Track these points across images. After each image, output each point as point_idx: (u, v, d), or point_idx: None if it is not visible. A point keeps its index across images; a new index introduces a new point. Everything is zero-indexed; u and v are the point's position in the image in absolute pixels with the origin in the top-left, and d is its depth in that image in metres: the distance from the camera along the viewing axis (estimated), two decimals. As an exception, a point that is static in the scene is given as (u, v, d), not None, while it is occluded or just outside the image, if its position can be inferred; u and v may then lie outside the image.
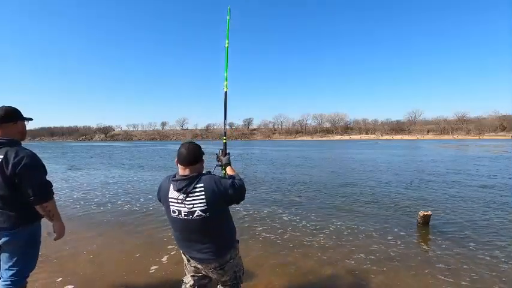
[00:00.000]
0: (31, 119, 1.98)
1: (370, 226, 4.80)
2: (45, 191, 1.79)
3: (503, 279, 3.03)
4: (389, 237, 4.26)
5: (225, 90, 2.40)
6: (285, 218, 5.29)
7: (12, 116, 1.82)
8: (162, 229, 4.70)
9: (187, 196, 1.60)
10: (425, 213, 4.70)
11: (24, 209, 1.78)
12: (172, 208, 1.66)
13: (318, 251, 3.79)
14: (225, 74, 2.43)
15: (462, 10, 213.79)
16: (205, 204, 1.58)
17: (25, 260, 1.83)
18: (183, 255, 1.86)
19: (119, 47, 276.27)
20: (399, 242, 4.07)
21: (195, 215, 1.60)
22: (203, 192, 1.59)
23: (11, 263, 1.78)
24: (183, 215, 1.62)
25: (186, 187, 1.60)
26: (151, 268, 3.28)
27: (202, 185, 1.61)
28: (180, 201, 1.62)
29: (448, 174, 10.95)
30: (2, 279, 1.80)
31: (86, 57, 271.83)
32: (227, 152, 2.16)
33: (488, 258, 3.53)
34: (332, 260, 3.49)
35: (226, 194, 1.62)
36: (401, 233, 4.44)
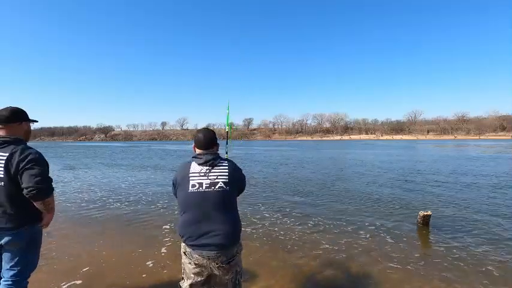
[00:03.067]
0: (36, 121, 2.01)
1: (369, 226, 4.80)
2: (49, 185, 1.79)
3: (503, 279, 3.02)
4: (389, 237, 4.26)
5: (226, 130, 3.17)
6: (285, 218, 5.29)
7: (17, 116, 1.84)
8: (155, 225, 4.82)
9: (212, 168, 1.73)
10: (426, 213, 4.69)
11: (26, 209, 1.78)
12: (192, 182, 1.71)
13: (316, 250, 3.78)
14: (226, 122, 3.14)
15: (462, 10, 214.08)
16: (227, 178, 1.72)
17: (26, 260, 1.83)
18: (183, 254, 1.79)
19: (119, 47, 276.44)
20: (399, 242, 4.06)
21: (217, 187, 1.70)
22: (227, 168, 1.76)
23: (12, 263, 1.79)
24: (204, 187, 1.69)
25: (212, 160, 1.74)
26: (149, 263, 3.37)
27: (226, 162, 1.79)
28: (203, 174, 1.72)
29: (447, 175, 10.95)
30: (3, 279, 1.80)
31: (86, 56, 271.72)
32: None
33: (488, 258, 3.53)
34: (331, 260, 3.49)
35: (241, 178, 1.84)
36: (401, 233, 4.43)
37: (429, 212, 4.72)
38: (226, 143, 3.18)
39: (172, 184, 1.84)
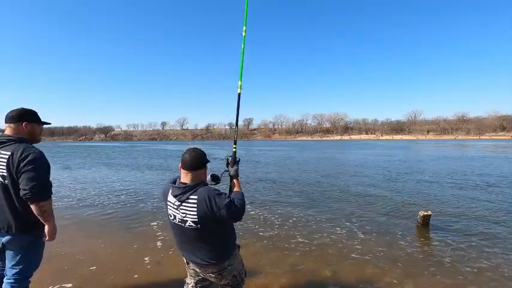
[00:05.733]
0: (48, 123, 2.04)
1: (369, 226, 4.80)
2: (45, 189, 1.78)
3: (503, 279, 3.02)
4: (389, 237, 4.26)
5: (238, 91, 2.20)
6: (286, 218, 5.28)
7: (19, 117, 1.88)
8: (147, 222, 5.03)
9: (181, 204, 1.62)
10: (425, 214, 4.69)
11: (28, 211, 1.79)
12: (169, 211, 1.71)
13: (316, 250, 3.79)
14: (240, 71, 2.20)
15: (462, 10, 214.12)
16: (196, 217, 1.58)
17: (29, 259, 1.86)
18: (183, 256, 1.86)
19: (119, 47, 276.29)
20: (398, 242, 4.06)
21: (186, 224, 1.62)
22: (195, 206, 1.58)
23: (14, 262, 1.81)
24: (177, 221, 1.66)
25: (180, 195, 1.62)
26: (146, 258, 3.50)
27: (196, 197, 1.59)
28: (176, 206, 1.65)
29: (447, 175, 10.95)
30: (6, 278, 1.83)
31: (86, 56, 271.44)
32: (236, 160, 2.07)
33: (487, 258, 3.53)
34: (331, 260, 3.49)
35: (218, 213, 1.57)
36: (401, 233, 4.44)
37: (429, 212, 4.72)
38: (235, 133, 2.16)
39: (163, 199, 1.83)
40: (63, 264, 3.35)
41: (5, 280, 1.82)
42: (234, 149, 2.14)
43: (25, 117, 1.90)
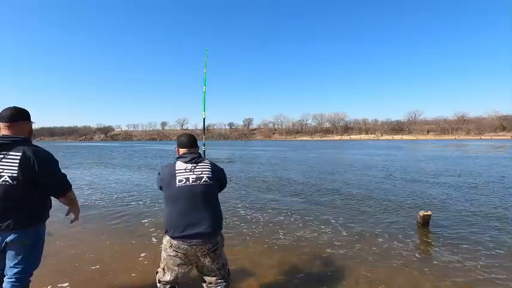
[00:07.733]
0: (33, 122, 2.06)
1: (368, 226, 4.78)
2: (68, 180, 1.97)
3: (503, 279, 3.00)
4: (388, 237, 4.23)
5: (203, 116, 2.84)
6: (283, 217, 5.27)
7: (25, 115, 1.90)
8: (140, 220, 5.10)
9: (197, 165, 1.97)
10: (426, 213, 4.67)
11: (34, 209, 1.82)
12: (179, 178, 1.91)
13: (314, 249, 3.76)
14: (203, 108, 2.82)
15: (462, 10, 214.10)
16: (210, 173, 1.99)
17: (30, 258, 1.86)
18: (169, 248, 1.90)
19: (119, 47, 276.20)
20: (398, 242, 4.04)
21: (202, 181, 1.93)
22: (209, 165, 2.03)
23: (16, 261, 1.81)
24: (190, 181, 1.91)
25: (196, 158, 2.00)
26: (142, 255, 3.52)
27: (207, 161, 2.07)
28: (188, 170, 1.94)
29: (447, 175, 10.94)
30: (6, 277, 1.82)
31: (86, 56, 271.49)
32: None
33: (488, 258, 3.51)
34: (329, 259, 3.47)
35: (221, 174, 2.12)
36: (401, 233, 4.41)
37: (429, 212, 4.70)
38: (204, 143, 3.06)
39: (160, 180, 2.01)
40: (61, 263, 3.32)
41: (5, 279, 1.82)
42: (203, 148, 2.59)
43: (29, 116, 1.91)
